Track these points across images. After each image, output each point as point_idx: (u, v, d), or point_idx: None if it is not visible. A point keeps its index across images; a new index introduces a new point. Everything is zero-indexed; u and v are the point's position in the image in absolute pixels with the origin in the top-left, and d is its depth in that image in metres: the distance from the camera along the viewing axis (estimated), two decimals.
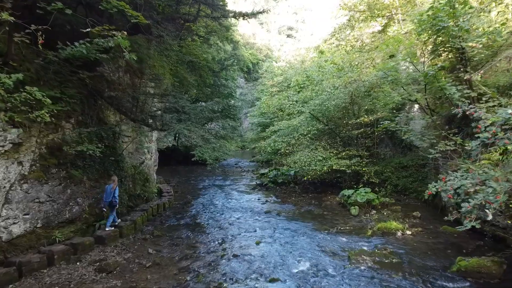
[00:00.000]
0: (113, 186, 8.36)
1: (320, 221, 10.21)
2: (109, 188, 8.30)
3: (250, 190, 16.21)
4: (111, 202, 8.36)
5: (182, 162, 27.32)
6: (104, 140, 9.75)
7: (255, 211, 11.77)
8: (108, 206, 8.43)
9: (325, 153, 13.08)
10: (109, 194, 8.27)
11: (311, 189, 15.70)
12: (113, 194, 8.35)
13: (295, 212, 11.42)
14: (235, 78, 30.40)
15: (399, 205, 11.35)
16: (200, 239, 8.56)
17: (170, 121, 8.56)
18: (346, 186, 14.25)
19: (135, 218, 9.30)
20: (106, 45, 6.17)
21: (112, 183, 8.40)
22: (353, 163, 12.78)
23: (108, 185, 8.38)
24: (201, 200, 13.85)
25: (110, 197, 8.27)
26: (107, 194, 8.26)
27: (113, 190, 8.36)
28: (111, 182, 8.47)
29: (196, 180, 19.71)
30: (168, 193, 14.31)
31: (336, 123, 14.55)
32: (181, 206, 12.80)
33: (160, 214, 11.38)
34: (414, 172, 14.36)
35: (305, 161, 12.56)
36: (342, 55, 13.45)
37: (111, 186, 8.33)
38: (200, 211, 11.83)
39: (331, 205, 12.38)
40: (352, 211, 10.63)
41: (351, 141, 14.57)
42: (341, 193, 11.97)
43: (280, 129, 15.19)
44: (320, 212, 11.36)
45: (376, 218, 10.08)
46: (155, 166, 15.56)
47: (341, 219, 10.34)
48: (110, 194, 8.27)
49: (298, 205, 12.60)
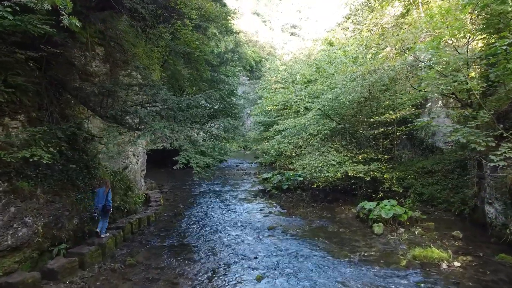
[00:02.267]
0: (106, 189, 7.76)
1: (337, 242, 8.25)
2: (101, 192, 7.68)
3: (252, 198, 14.27)
4: (104, 206, 7.67)
5: None
6: (70, 142, 7.90)
7: (257, 226, 9.83)
8: (101, 211, 7.71)
9: (338, 156, 11.11)
10: (102, 198, 7.63)
11: (321, 197, 13.74)
12: (106, 197, 7.71)
13: (305, 229, 9.46)
14: (236, 74, 28.43)
15: (430, 221, 9.36)
16: (185, 271, 6.63)
17: (147, 118, 6.63)
18: (362, 194, 12.29)
19: (105, 241, 7.38)
20: (40, 7, 4.25)
21: (104, 186, 7.79)
22: (371, 169, 10.80)
23: (100, 189, 7.77)
24: (194, 211, 11.94)
25: (103, 201, 7.64)
26: (99, 198, 7.62)
27: (106, 193, 7.72)
28: (102, 185, 7.86)
29: (193, 185, 17.83)
30: (156, 202, 12.42)
31: (350, 121, 12.57)
32: (170, 219, 10.89)
33: (142, 230, 9.48)
34: (442, 178, 12.33)
35: (315, 166, 10.60)
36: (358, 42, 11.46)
37: (103, 190, 7.73)
38: (191, 227, 9.92)
39: (346, 219, 10.40)
40: (375, 229, 8.66)
41: (368, 142, 12.58)
42: (359, 206, 9.98)
43: (286, 128, 13.23)
44: (335, 228, 9.39)
45: (407, 239, 8.10)
46: (142, 170, 13.68)
47: (363, 240, 8.37)
48: (103, 198, 7.63)
49: (308, 218, 10.64)
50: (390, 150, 13.57)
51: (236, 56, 35.69)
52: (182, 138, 6.85)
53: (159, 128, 6.58)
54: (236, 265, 6.88)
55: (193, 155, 6.77)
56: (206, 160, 7.09)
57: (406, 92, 12.54)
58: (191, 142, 7.10)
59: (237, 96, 30.69)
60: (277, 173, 16.06)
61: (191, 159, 6.72)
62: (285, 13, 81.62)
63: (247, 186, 17.36)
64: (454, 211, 10.29)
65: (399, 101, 11.97)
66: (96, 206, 7.71)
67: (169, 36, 14.27)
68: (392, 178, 11.30)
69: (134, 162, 12.52)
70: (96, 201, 7.70)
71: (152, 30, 11.61)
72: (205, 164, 7.21)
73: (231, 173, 23.29)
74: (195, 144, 7.17)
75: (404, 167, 13.11)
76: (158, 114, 7.42)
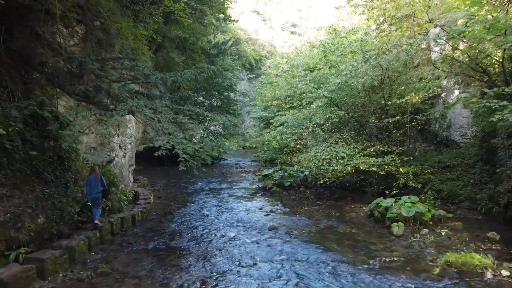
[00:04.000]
0: (96, 176, 7.41)
1: (350, 245, 7.03)
2: (93, 180, 7.35)
3: (251, 196, 13.06)
4: (97, 194, 7.39)
5: (177, 162, 24.28)
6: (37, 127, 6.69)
7: (256, 226, 8.62)
8: (95, 199, 7.38)
9: (347, 148, 9.91)
10: (95, 186, 7.32)
11: (326, 195, 12.53)
12: (102, 183, 7.51)
13: (312, 230, 8.23)
14: (235, 68, 27.20)
15: (456, 220, 8.15)
16: (168, 281, 5.41)
17: (122, 93, 5.42)
18: (373, 191, 11.09)
19: (74, 244, 6.16)
20: None
21: (94, 173, 7.43)
22: (386, 162, 9.59)
23: (90, 176, 7.42)
24: (187, 210, 10.72)
25: (98, 188, 7.37)
26: (92, 186, 7.30)
27: (98, 180, 7.42)
28: (92, 173, 7.49)
29: (188, 183, 16.61)
30: (146, 199, 11.20)
31: (359, 110, 11.36)
32: (159, 218, 9.67)
33: (125, 231, 8.25)
34: (462, 173, 11.13)
35: (323, 158, 9.39)
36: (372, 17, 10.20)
37: (93, 177, 7.39)
38: (182, 227, 8.70)
39: (358, 219, 9.18)
40: (395, 229, 7.43)
41: (380, 133, 11.38)
42: (373, 203, 8.76)
43: (288, 120, 12.01)
44: (347, 229, 8.17)
45: (433, 242, 6.88)
46: (131, 165, 12.47)
47: (380, 242, 7.14)
48: (95, 186, 7.33)
49: (314, 217, 9.42)
50: (403, 142, 12.36)
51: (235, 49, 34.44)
52: (166, 120, 5.63)
53: (137, 106, 5.36)
54: (231, 274, 5.66)
55: (179, 140, 5.55)
56: (195, 147, 5.87)
57: (423, 76, 11.37)
58: (178, 124, 5.88)
59: (236, 91, 29.46)
60: (278, 169, 14.84)
61: (177, 145, 5.51)
62: (285, 12, 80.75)
63: (246, 183, 16.14)
64: (480, 209, 9.07)
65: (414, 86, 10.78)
66: (89, 195, 7.33)
67: (161, 19, 13.08)
68: (407, 172, 10.09)
69: (120, 155, 11.30)
70: (88, 190, 7.30)
71: (141, 8, 10.41)
72: (194, 151, 6.00)
73: (229, 171, 22.07)
74: (181, 128, 5.95)
75: (418, 162, 11.90)
76: (139, 93, 6.20)
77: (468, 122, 13.03)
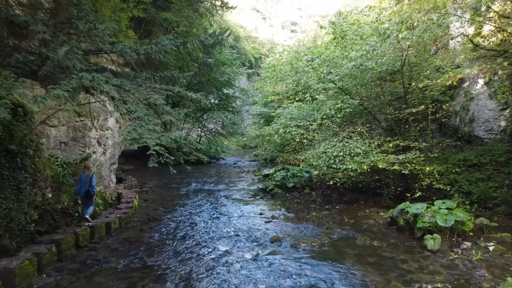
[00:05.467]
0: (88, 173, 7.13)
1: (375, 264, 5.52)
2: (84, 177, 7.09)
3: (249, 199, 11.56)
4: (88, 192, 7.08)
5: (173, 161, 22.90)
6: None
7: (256, 237, 7.12)
8: (84, 198, 7.13)
9: (363, 143, 8.42)
10: (84, 183, 7.04)
11: (335, 197, 11.05)
12: (90, 183, 7.09)
13: (323, 241, 6.73)
14: (233, 62, 25.67)
15: (501, 229, 6.64)
16: None
17: (72, 64, 3.94)
18: (390, 194, 9.61)
19: (15, 265, 4.65)
20: None
21: (87, 171, 7.16)
22: (409, 159, 8.11)
23: (82, 174, 7.17)
24: (175, 215, 9.23)
25: (86, 186, 7.05)
26: (82, 184, 7.05)
27: (89, 178, 7.09)
28: (85, 170, 7.21)
29: (181, 184, 15.11)
30: (128, 203, 9.70)
31: (374, 101, 9.87)
32: (141, 226, 8.17)
33: (95, 243, 6.74)
34: (493, 173, 9.66)
35: (335, 155, 7.89)
36: None
37: (85, 174, 7.12)
38: (166, 237, 7.20)
39: (377, 227, 7.69)
40: (429, 243, 5.93)
41: (398, 127, 9.87)
42: (397, 209, 7.24)
43: (293, 112, 10.50)
44: (367, 241, 6.66)
45: (481, 259, 5.39)
46: (113, 164, 10.95)
47: (412, 259, 5.64)
48: (85, 184, 7.05)
49: (324, 225, 7.92)
50: (421, 138, 10.87)
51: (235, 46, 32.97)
52: (134, 100, 4.13)
53: (93, 80, 3.86)
54: None
55: (152, 128, 4.06)
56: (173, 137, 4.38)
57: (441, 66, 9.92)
58: (151, 106, 4.39)
59: (235, 87, 27.93)
60: (280, 169, 13.35)
61: (146, 133, 4.02)
62: (286, 10, 79.60)
63: (245, 184, 14.63)
64: None
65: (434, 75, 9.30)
66: (77, 193, 7.07)
67: None
68: (433, 172, 8.61)
69: (99, 152, 9.80)
70: (77, 188, 7.06)
71: None
72: (173, 142, 4.49)
73: (227, 171, 20.57)
74: (157, 111, 4.46)
75: (439, 160, 10.41)
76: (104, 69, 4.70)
77: (494, 115, 11.57)
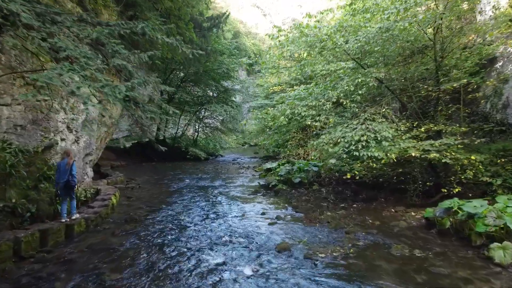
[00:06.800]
0: (69, 161, 6.27)
1: (427, 284, 3.90)
2: (63, 165, 6.25)
3: (250, 196, 9.93)
4: (67, 182, 6.20)
5: (167, 158, 21.56)
6: None
7: (257, 244, 5.49)
8: (64, 188, 6.21)
9: (389, 127, 6.79)
10: (64, 172, 6.21)
11: (349, 195, 9.45)
12: (70, 172, 6.24)
13: (347, 251, 5.09)
14: (232, 52, 23.99)
15: None
16: None
17: None
18: (417, 190, 7.98)
19: None
20: None
21: (67, 158, 6.32)
22: (449, 147, 6.49)
23: (61, 161, 6.33)
24: (160, 216, 7.60)
25: (66, 176, 6.20)
26: (61, 173, 6.22)
27: (69, 167, 6.24)
28: (65, 157, 6.37)
29: (173, 180, 13.48)
30: (104, 200, 8.09)
31: (398, 80, 8.23)
32: (114, 228, 6.54)
33: (46, 251, 5.12)
34: None
35: (356, 140, 6.26)
36: None
37: (65, 162, 6.27)
38: (141, 245, 5.57)
39: (411, 230, 6.05)
40: (497, 254, 4.29)
41: (427, 110, 8.25)
42: (441, 208, 5.60)
43: (301, 93, 8.86)
44: (405, 250, 5.03)
45: None
46: (88, 155, 9.30)
47: (478, 279, 4.01)
48: (65, 173, 6.21)
49: (343, 228, 6.29)
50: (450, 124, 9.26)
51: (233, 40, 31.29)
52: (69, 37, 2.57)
53: None
54: None
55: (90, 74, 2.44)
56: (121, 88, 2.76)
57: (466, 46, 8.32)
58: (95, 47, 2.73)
59: (235, 79, 26.27)
60: (284, 163, 11.72)
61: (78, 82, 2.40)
62: (286, 7, 78.39)
63: (245, 180, 13.00)
64: None
65: None
66: (56, 182, 6.30)
67: None
68: (475, 163, 6.98)
69: (70, 140, 8.15)
70: (56, 177, 6.35)
71: None
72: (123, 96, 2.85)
73: (225, 167, 18.95)
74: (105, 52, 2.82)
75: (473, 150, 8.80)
76: None
77: None
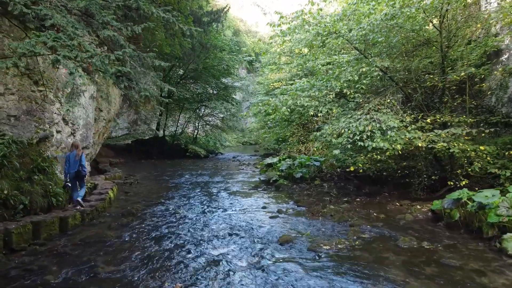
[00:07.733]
0: (77, 153, 6.45)
1: (437, 277, 3.68)
2: (73, 157, 6.42)
3: (250, 191, 9.73)
4: (78, 172, 6.44)
5: (167, 155, 21.37)
6: None
7: (257, 237, 5.28)
8: (75, 178, 6.48)
9: (394, 117, 6.58)
10: (74, 163, 6.39)
11: (351, 189, 9.27)
12: (80, 162, 6.45)
13: (352, 243, 4.87)
14: (232, 48, 23.77)
15: None
16: None
17: None
18: (423, 183, 7.78)
19: None
20: None
21: (75, 150, 6.48)
22: (457, 136, 6.29)
23: (70, 153, 6.50)
24: (158, 210, 7.39)
25: (76, 166, 6.41)
26: (71, 164, 6.40)
27: (78, 158, 6.44)
28: (73, 149, 6.52)
29: (172, 176, 13.26)
30: (101, 194, 7.89)
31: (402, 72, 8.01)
32: (110, 222, 6.34)
33: (39, 244, 4.91)
34: None
35: (361, 130, 6.05)
36: None
37: (74, 154, 6.44)
38: (137, 237, 5.36)
39: (418, 223, 5.84)
40: (509, 245, 4.09)
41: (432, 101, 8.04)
42: (449, 199, 5.39)
43: (304, 85, 8.64)
44: (413, 242, 4.81)
45: None
46: (84, 148, 9.09)
47: (492, 271, 3.80)
48: (75, 164, 6.39)
49: (347, 221, 6.09)
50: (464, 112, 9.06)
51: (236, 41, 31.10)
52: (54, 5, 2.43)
53: None
54: None
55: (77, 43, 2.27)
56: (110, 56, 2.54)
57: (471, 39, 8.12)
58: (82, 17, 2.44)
59: (235, 75, 26.04)
60: (285, 157, 11.52)
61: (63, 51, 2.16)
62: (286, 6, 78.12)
63: (245, 176, 12.80)
64: None
65: None
66: (67, 173, 6.44)
67: None
68: (483, 155, 6.78)
69: (65, 132, 7.94)
70: (66, 167, 6.50)
71: None
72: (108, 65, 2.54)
73: (225, 164, 18.75)
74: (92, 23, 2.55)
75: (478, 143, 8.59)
76: None
77: None
